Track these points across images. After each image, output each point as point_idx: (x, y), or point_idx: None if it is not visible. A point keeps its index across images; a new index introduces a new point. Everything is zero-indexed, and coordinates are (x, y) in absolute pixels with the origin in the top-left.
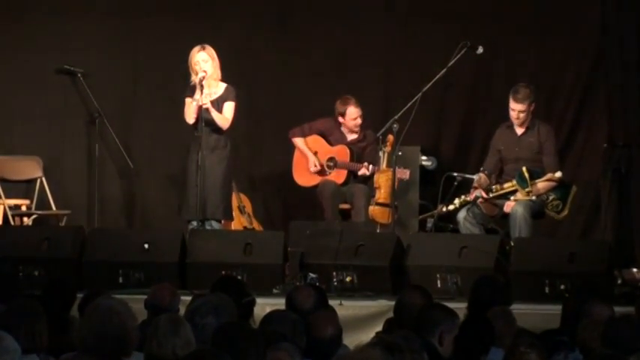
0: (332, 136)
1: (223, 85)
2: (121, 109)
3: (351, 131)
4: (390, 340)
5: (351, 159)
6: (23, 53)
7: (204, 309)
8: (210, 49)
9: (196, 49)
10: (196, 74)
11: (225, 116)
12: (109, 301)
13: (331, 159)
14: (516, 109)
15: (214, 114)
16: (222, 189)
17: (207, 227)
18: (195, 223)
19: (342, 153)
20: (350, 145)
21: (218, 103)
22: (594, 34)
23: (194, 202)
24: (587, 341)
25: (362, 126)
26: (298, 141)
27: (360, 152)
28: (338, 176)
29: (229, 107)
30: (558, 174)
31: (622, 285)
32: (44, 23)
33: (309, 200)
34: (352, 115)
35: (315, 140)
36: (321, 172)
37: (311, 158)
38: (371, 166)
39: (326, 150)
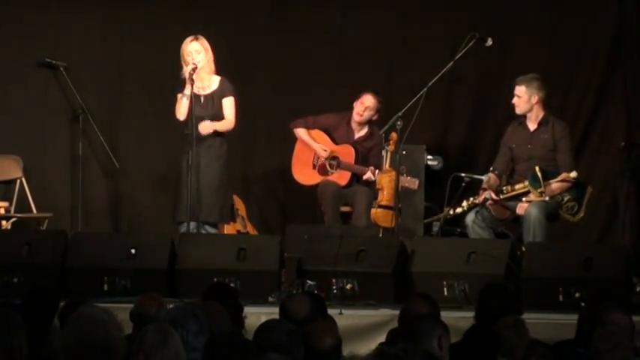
0: (337, 132)
1: (217, 78)
2: (107, 105)
3: (358, 124)
4: (393, 352)
5: (356, 160)
6: (1, 45)
7: (182, 317)
8: (203, 40)
9: (189, 39)
10: (187, 66)
11: (228, 118)
12: (92, 310)
13: (334, 158)
14: (514, 92)
15: (217, 126)
16: (219, 189)
17: (202, 231)
18: (185, 226)
19: (346, 153)
20: (355, 144)
21: (213, 99)
22: (610, 27)
23: (186, 203)
24: (602, 353)
25: (369, 124)
26: (301, 131)
27: (366, 153)
28: (340, 177)
29: (229, 104)
30: (573, 174)
31: None
32: (24, 13)
33: (307, 202)
34: (364, 101)
35: (319, 136)
36: (322, 172)
37: (317, 147)
38: (377, 171)
39: (329, 148)
